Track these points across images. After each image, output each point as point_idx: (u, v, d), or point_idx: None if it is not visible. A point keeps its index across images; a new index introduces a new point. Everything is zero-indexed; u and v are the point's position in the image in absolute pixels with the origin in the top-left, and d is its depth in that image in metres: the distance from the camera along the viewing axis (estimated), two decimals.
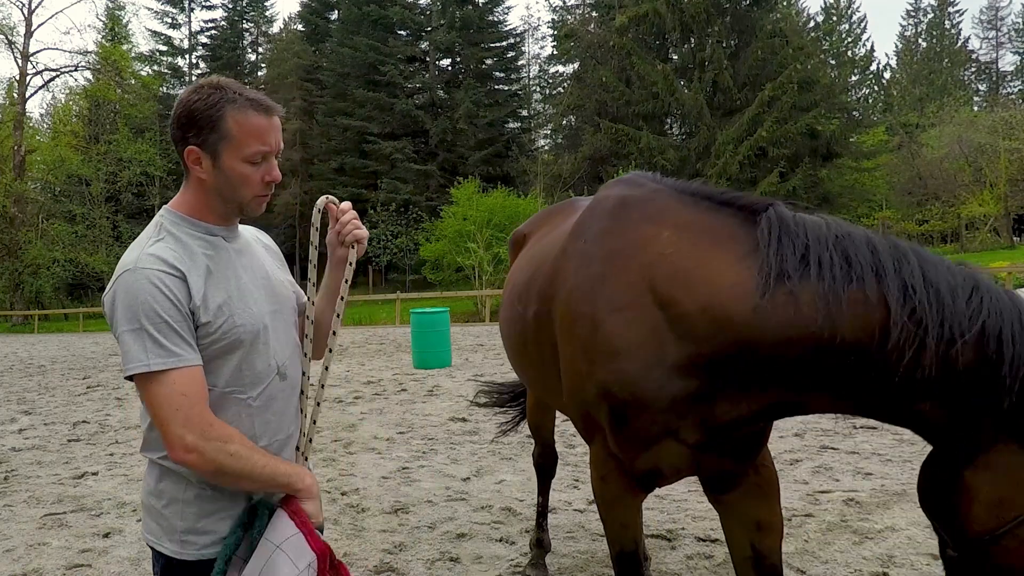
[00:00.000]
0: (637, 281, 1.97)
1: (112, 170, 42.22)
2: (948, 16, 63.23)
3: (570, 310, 2.14)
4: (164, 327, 1.51)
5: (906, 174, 43.14)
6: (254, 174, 1.63)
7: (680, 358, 1.88)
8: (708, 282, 1.86)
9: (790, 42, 35.00)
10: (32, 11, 40.41)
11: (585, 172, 36.46)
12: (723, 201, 2.01)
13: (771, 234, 1.83)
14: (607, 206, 2.26)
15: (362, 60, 43.25)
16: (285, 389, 1.73)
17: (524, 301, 2.62)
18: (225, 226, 1.70)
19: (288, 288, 1.85)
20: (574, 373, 2.12)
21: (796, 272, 1.75)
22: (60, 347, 21.74)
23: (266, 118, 1.61)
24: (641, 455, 2.03)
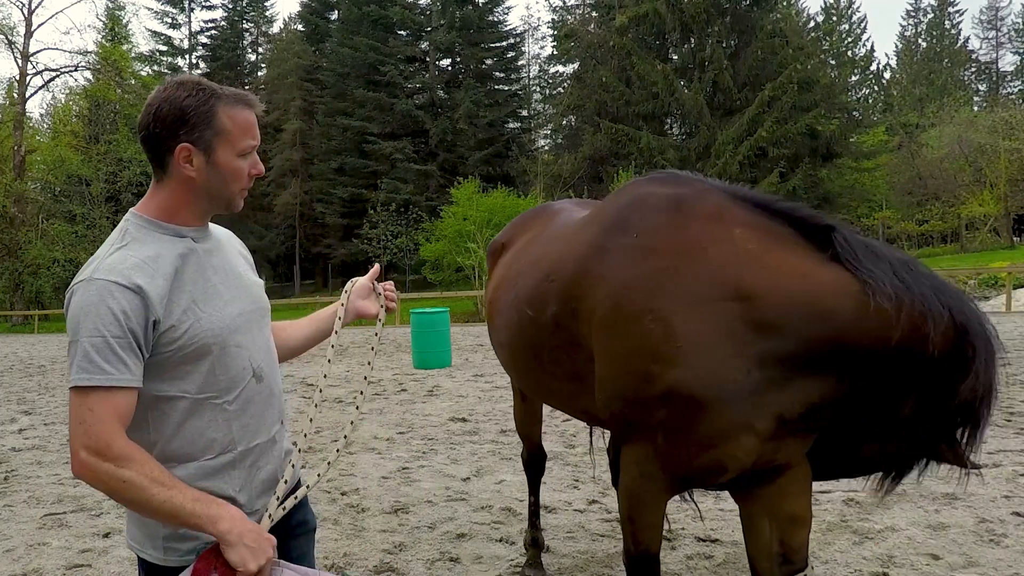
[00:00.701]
0: (714, 274, 1.98)
1: (112, 170, 42.19)
2: (948, 16, 63.25)
3: (624, 306, 2.09)
4: (99, 344, 1.45)
5: (906, 174, 43.16)
6: (244, 168, 1.64)
7: (761, 351, 1.92)
8: (803, 278, 1.93)
9: (790, 42, 35.04)
10: (32, 11, 40.41)
11: (585, 172, 36.49)
12: (778, 210, 2.08)
13: (855, 250, 1.93)
14: (657, 202, 2.23)
15: (362, 60, 43.26)
16: (262, 392, 1.69)
17: (536, 305, 2.54)
18: (196, 226, 1.68)
19: (262, 292, 1.82)
20: (628, 372, 2.06)
21: (894, 285, 1.88)
22: (60, 347, 21.74)
23: (252, 113, 1.63)
24: (706, 452, 2.01)
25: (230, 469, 1.62)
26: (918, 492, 4.65)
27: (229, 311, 1.64)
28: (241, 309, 1.68)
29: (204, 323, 1.57)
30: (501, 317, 2.94)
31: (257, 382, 1.68)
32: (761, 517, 2.20)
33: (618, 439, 2.25)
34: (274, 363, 1.77)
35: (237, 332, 1.64)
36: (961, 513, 4.23)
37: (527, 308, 2.62)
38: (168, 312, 1.53)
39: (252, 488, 1.67)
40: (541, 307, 2.52)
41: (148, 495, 1.44)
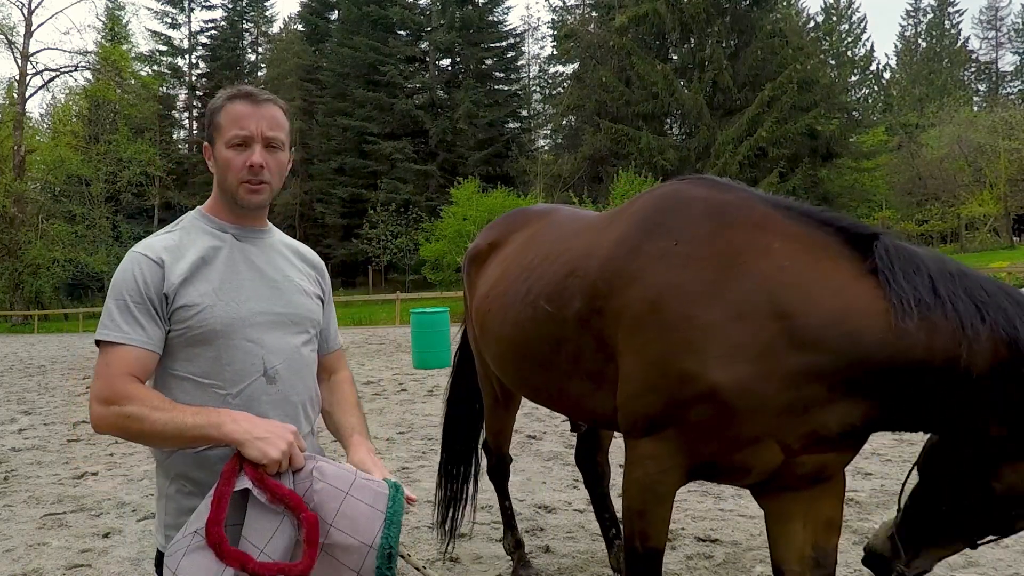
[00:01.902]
0: (755, 289, 1.97)
1: (112, 170, 42.20)
2: (948, 16, 63.28)
3: (662, 310, 2.09)
4: (121, 305, 1.61)
5: (906, 174, 43.16)
6: (235, 158, 1.69)
7: (797, 369, 1.91)
8: (835, 296, 1.90)
9: (790, 42, 35.05)
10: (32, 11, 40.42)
11: (585, 172, 36.49)
12: (822, 220, 2.06)
13: (893, 262, 1.89)
14: (700, 207, 2.22)
15: (362, 60, 43.26)
16: (272, 394, 1.70)
17: (556, 300, 2.52)
18: (237, 224, 1.77)
19: (309, 303, 1.83)
20: (670, 367, 2.06)
21: (931, 301, 1.83)
22: (60, 347, 21.74)
23: (249, 106, 1.70)
24: (733, 455, 2.05)
25: (223, 463, 1.60)
26: None
27: (248, 306, 1.69)
28: (264, 308, 1.72)
29: (216, 310, 1.65)
30: (505, 313, 2.87)
31: (268, 383, 1.69)
32: (795, 520, 2.20)
33: (634, 434, 2.24)
34: (300, 374, 1.77)
35: (251, 328, 1.68)
36: None
37: (545, 304, 2.58)
38: (184, 292, 1.63)
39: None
40: (563, 303, 2.50)
41: (151, 422, 1.53)
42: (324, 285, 1.95)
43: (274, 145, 1.72)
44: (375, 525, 1.54)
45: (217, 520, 1.50)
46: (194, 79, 54.65)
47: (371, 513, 1.55)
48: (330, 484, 1.56)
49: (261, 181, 1.72)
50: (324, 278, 1.96)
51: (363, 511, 1.55)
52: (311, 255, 1.96)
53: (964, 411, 1.86)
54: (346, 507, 1.54)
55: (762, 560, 3.69)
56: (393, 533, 1.55)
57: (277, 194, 1.83)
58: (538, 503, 4.76)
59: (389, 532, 1.54)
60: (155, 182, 45.14)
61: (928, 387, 1.85)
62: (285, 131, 1.76)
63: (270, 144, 1.71)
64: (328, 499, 1.54)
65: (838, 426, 1.95)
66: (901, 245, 1.95)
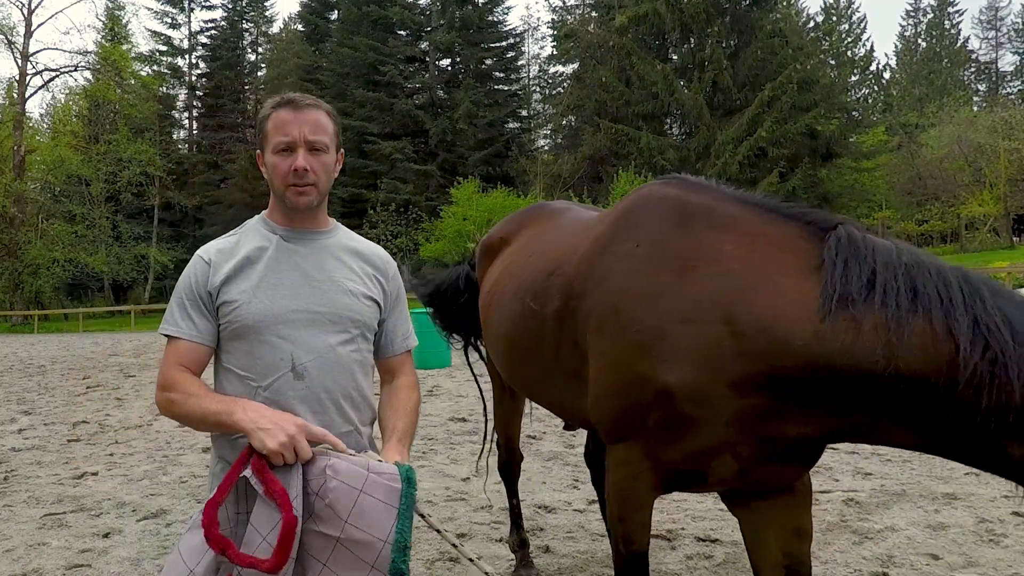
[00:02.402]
0: (704, 294, 1.94)
1: (112, 170, 42.19)
2: (948, 16, 63.26)
3: (622, 313, 2.09)
4: (179, 302, 1.80)
5: (906, 174, 43.14)
6: (281, 163, 1.78)
7: (742, 375, 1.86)
8: (770, 303, 1.84)
9: (790, 42, 35.02)
10: (32, 11, 40.42)
11: (585, 172, 36.47)
12: (790, 214, 1.99)
13: (838, 254, 1.80)
14: (663, 209, 2.20)
15: (362, 60, 43.22)
16: (300, 389, 1.75)
17: (541, 298, 2.55)
18: (287, 226, 1.86)
19: (353, 303, 1.85)
20: (625, 372, 2.05)
21: (860, 296, 1.71)
22: (60, 347, 21.74)
23: (292, 112, 1.79)
24: (689, 461, 2.02)
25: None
26: (918, 492, 4.65)
27: (284, 304, 1.77)
28: (300, 307, 1.78)
29: (252, 307, 1.75)
30: (502, 309, 2.91)
31: (296, 378, 1.75)
32: (765, 529, 2.19)
33: (606, 439, 2.25)
34: (333, 372, 1.79)
35: (283, 324, 1.75)
36: (961, 513, 4.23)
37: (531, 300, 2.61)
38: (226, 289, 1.77)
39: None
40: (544, 300, 2.52)
41: (187, 407, 1.70)
42: (387, 287, 1.96)
43: (317, 148, 1.79)
44: (388, 521, 1.59)
45: (215, 502, 1.59)
46: (194, 79, 54.60)
47: (384, 509, 1.60)
48: (344, 482, 1.60)
49: (306, 183, 1.79)
50: (388, 279, 1.97)
51: (377, 508, 1.59)
52: (375, 257, 1.97)
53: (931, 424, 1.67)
54: (360, 504, 1.59)
55: None
56: (406, 527, 1.60)
57: (327, 194, 1.88)
58: (538, 503, 4.76)
59: (402, 527, 1.59)
60: (155, 182, 45.10)
61: (871, 395, 1.70)
62: (329, 134, 1.83)
63: (313, 147, 1.79)
64: (342, 496, 1.59)
65: (796, 435, 1.89)
66: (858, 235, 1.85)
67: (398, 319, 2.01)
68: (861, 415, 1.77)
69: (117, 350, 19.42)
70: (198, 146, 53.68)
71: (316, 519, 1.61)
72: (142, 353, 17.95)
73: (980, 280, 1.70)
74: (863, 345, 1.68)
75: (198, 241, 49.94)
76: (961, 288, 1.67)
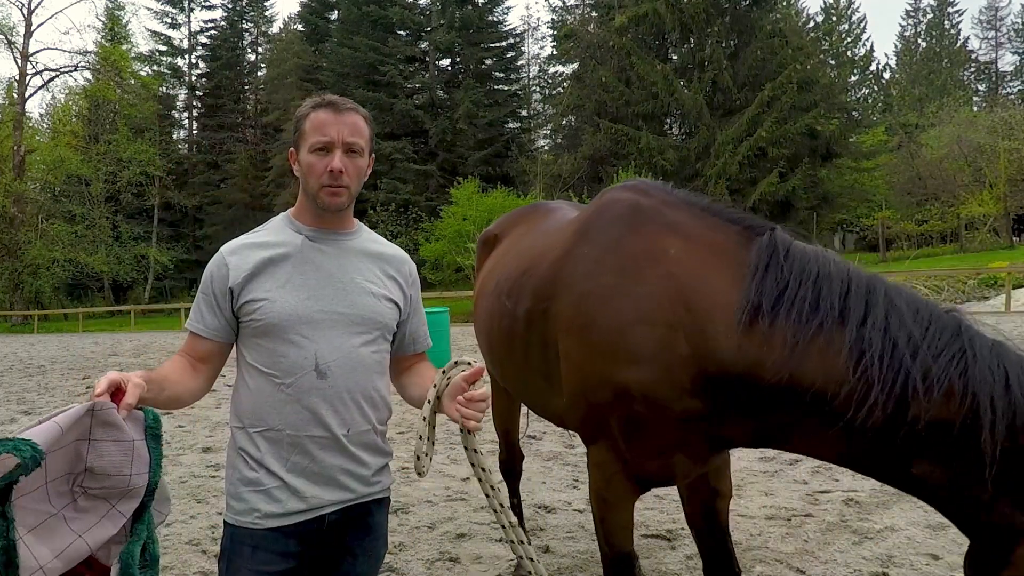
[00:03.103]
0: (651, 295, 1.99)
1: (112, 170, 42.20)
2: (947, 16, 63.26)
3: (583, 315, 2.14)
4: (198, 298, 1.86)
5: (905, 174, 43.12)
6: (317, 163, 1.79)
7: (686, 376, 1.91)
8: (705, 308, 1.89)
9: (790, 42, 35.01)
10: (32, 11, 40.41)
11: (585, 172, 36.43)
12: (731, 218, 2.04)
13: (759, 263, 1.83)
14: (618, 211, 2.25)
15: (362, 60, 43.22)
16: (323, 388, 1.78)
17: (514, 297, 2.61)
18: (314, 226, 1.87)
19: (376, 305, 1.87)
20: (588, 373, 2.11)
21: (770, 308, 1.75)
22: (60, 347, 21.74)
23: (332, 114, 1.80)
24: (654, 460, 2.07)
25: (276, 447, 1.77)
26: None
27: (308, 304, 1.79)
28: (323, 307, 1.80)
29: (277, 306, 1.77)
30: (484, 304, 2.99)
31: (319, 377, 1.78)
32: (691, 492, 2.49)
33: (583, 441, 2.31)
34: (355, 372, 1.83)
35: (307, 324, 1.77)
36: None
37: (506, 299, 2.68)
38: (249, 287, 1.79)
39: (303, 476, 1.77)
40: (517, 300, 2.58)
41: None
42: (407, 289, 1.98)
43: (354, 150, 1.81)
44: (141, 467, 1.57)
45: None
46: (194, 79, 54.60)
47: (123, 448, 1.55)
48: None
49: (340, 185, 1.81)
50: (408, 282, 1.99)
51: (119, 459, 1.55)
52: (397, 260, 1.99)
53: (838, 438, 1.68)
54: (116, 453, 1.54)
55: (762, 560, 3.69)
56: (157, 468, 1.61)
57: (355, 196, 1.89)
58: (538, 503, 4.76)
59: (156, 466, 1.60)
60: (155, 182, 45.09)
61: (784, 406, 1.75)
62: (365, 138, 1.85)
63: (350, 149, 1.81)
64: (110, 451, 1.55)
65: (730, 437, 1.98)
66: (784, 242, 1.87)
67: (419, 320, 2.06)
68: (781, 424, 1.82)
69: (117, 350, 19.42)
70: (198, 146, 53.66)
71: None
72: (142, 353, 17.95)
73: (885, 289, 1.71)
74: (770, 357, 1.72)
75: (198, 241, 50.12)
76: (863, 299, 1.68)
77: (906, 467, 1.64)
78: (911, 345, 1.60)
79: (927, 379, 1.56)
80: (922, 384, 1.56)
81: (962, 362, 1.56)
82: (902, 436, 1.59)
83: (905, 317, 1.65)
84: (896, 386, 1.57)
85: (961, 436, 1.54)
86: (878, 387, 1.58)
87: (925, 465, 1.60)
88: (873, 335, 1.62)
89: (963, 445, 1.54)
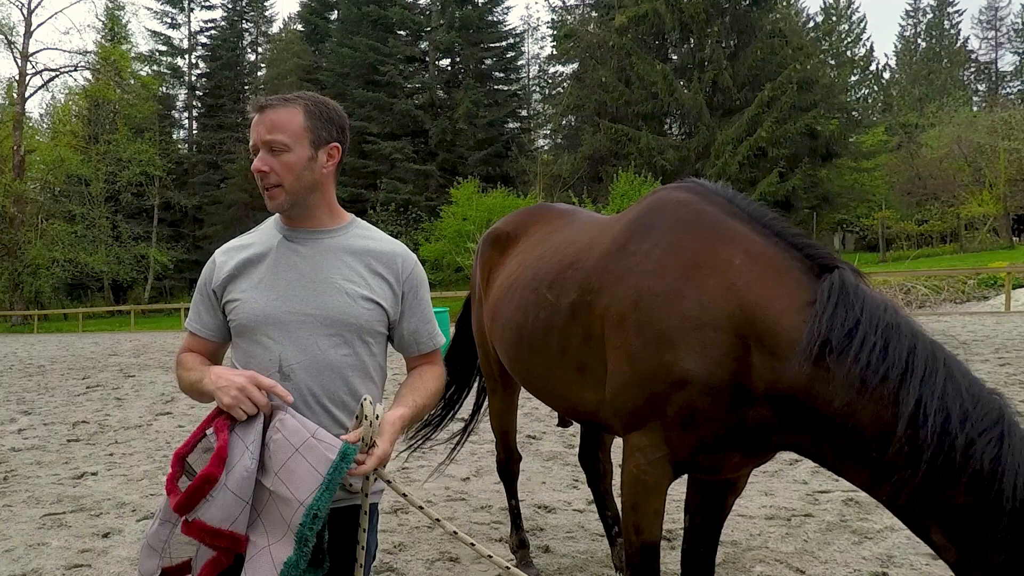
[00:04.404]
0: (712, 303, 2.08)
1: (112, 170, 42.19)
2: (947, 16, 63.28)
3: (643, 312, 2.21)
4: (195, 298, 1.91)
5: (905, 174, 43.10)
6: (254, 164, 1.78)
7: (747, 384, 2.02)
8: (767, 327, 1.99)
9: (789, 42, 35.02)
10: (32, 11, 40.42)
11: (585, 172, 36.43)
12: (795, 243, 2.11)
13: (829, 298, 1.90)
14: (680, 214, 2.32)
15: (362, 60, 43.21)
16: (289, 389, 1.73)
17: (556, 289, 2.65)
18: (289, 225, 1.87)
19: (350, 307, 1.79)
20: (646, 363, 2.18)
21: (839, 345, 1.83)
22: (59, 347, 21.74)
23: (256, 115, 1.78)
24: (700, 449, 2.18)
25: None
26: None
27: (275, 304, 1.77)
28: (294, 308, 1.77)
29: (248, 306, 1.78)
30: (514, 298, 2.99)
31: (282, 379, 1.75)
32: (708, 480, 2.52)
33: (623, 429, 2.35)
34: (321, 375, 1.77)
35: (274, 325, 1.76)
36: None
37: (547, 292, 2.71)
38: (230, 288, 1.82)
39: None
40: (560, 292, 2.63)
41: (183, 379, 1.86)
42: (398, 287, 1.88)
43: (274, 148, 1.73)
44: (312, 486, 1.61)
45: (180, 453, 1.72)
46: (194, 79, 54.56)
47: (311, 474, 1.62)
48: (285, 437, 1.65)
49: (271, 184, 1.77)
50: (400, 279, 1.89)
51: (305, 470, 1.62)
52: (389, 255, 1.88)
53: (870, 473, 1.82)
54: (291, 462, 1.63)
55: (762, 560, 3.69)
56: (325, 498, 1.62)
57: (303, 192, 1.79)
58: (538, 503, 4.76)
59: (321, 496, 1.61)
60: (155, 182, 45.07)
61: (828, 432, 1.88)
62: (290, 131, 1.74)
63: (270, 148, 1.74)
64: (279, 450, 1.65)
65: (779, 443, 2.09)
66: (851, 282, 1.95)
67: (419, 319, 1.95)
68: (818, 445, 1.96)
69: (117, 350, 19.42)
70: (198, 146, 53.63)
71: (261, 470, 1.67)
72: (142, 353, 17.95)
73: (944, 356, 1.79)
74: (831, 391, 1.83)
75: (198, 241, 50.07)
76: (926, 364, 1.76)
77: (922, 522, 1.76)
78: (960, 420, 1.68)
79: (968, 454, 1.64)
80: (962, 458, 1.64)
81: (998, 447, 1.65)
82: (927, 499, 1.70)
83: (961, 390, 1.73)
84: (940, 456, 1.66)
85: (977, 516, 1.63)
86: (926, 452, 1.67)
87: (936, 531, 1.72)
88: (930, 400, 1.70)
89: (979, 525, 1.64)
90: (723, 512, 2.58)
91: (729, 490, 2.54)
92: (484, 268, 3.55)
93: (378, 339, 1.88)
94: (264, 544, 1.65)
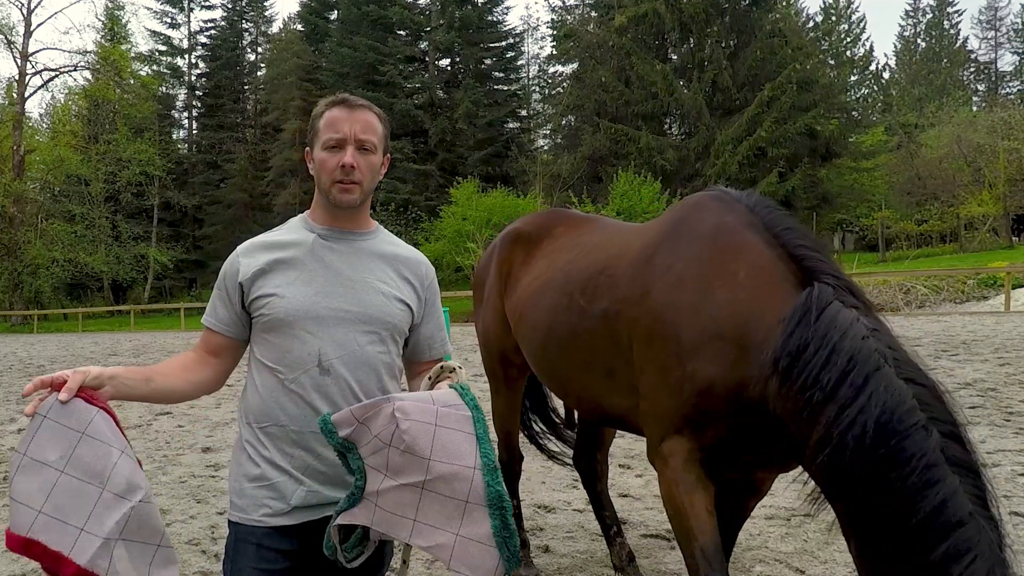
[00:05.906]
0: (721, 315, 2.19)
1: (111, 170, 42.20)
2: (947, 16, 63.34)
3: (668, 323, 2.31)
4: (214, 295, 1.91)
5: (905, 174, 43.14)
6: (330, 160, 1.80)
7: (749, 392, 2.09)
8: (757, 340, 2.08)
9: (789, 42, 35.06)
10: (31, 11, 40.42)
11: (584, 172, 36.46)
12: (795, 254, 2.16)
13: (792, 316, 1.98)
14: (701, 229, 2.39)
15: (361, 60, 43.22)
16: (326, 385, 1.78)
17: (588, 294, 2.70)
18: (327, 225, 1.89)
19: (385, 305, 1.86)
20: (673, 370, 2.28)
21: (784, 363, 1.94)
22: (59, 347, 21.74)
23: (344, 111, 1.82)
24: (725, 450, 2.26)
25: (281, 443, 1.79)
26: None
27: (315, 300, 1.81)
28: (332, 304, 1.81)
29: (285, 302, 1.79)
30: (544, 300, 3.02)
31: (321, 373, 1.79)
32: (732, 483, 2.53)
33: (656, 436, 2.39)
34: (358, 371, 1.82)
35: (313, 320, 1.79)
36: None
37: (579, 296, 2.75)
38: (259, 283, 1.82)
39: (307, 474, 1.78)
40: (592, 297, 2.68)
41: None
42: (422, 293, 1.97)
43: (366, 147, 1.82)
44: (471, 448, 1.58)
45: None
46: (194, 79, 54.59)
47: (464, 438, 1.59)
48: (417, 420, 1.57)
49: (352, 181, 1.81)
50: (424, 285, 1.98)
51: (457, 438, 1.58)
52: (413, 262, 1.98)
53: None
54: (440, 438, 1.56)
55: (762, 560, 3.69)
56: (488, 449, 1.60)
57: (369, 194, 1.90)
58: (538, 503, 4.76)
59: (485, 449, 1.59)
60: (154, 182, 45.08)
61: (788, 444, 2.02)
62: (379, 135, 1.85)
63: (362, 146, 1.81)
64: (420, 435, 1.55)
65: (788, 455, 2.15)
66: (826, 296, 1.97)
67: (434, 326, 2.02)
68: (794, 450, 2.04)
69: (116, 350, 19.43)
70: (198, 146, 53.66)
71: (394, 473, 1.56)
72: (142, 353, 17.95)
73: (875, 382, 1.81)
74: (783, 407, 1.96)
75: (198, 241, 50.10)
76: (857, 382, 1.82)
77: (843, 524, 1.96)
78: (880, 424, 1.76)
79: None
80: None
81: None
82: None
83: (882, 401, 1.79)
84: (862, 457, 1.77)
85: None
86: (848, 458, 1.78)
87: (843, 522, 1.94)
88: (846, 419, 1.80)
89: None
90: (743, 515, 2.60)
91: (752, 494, 2.57)
92: (503, 266, 3.54)
93: (402, 340, 1.95)
94: (446, 540, 1.59)
